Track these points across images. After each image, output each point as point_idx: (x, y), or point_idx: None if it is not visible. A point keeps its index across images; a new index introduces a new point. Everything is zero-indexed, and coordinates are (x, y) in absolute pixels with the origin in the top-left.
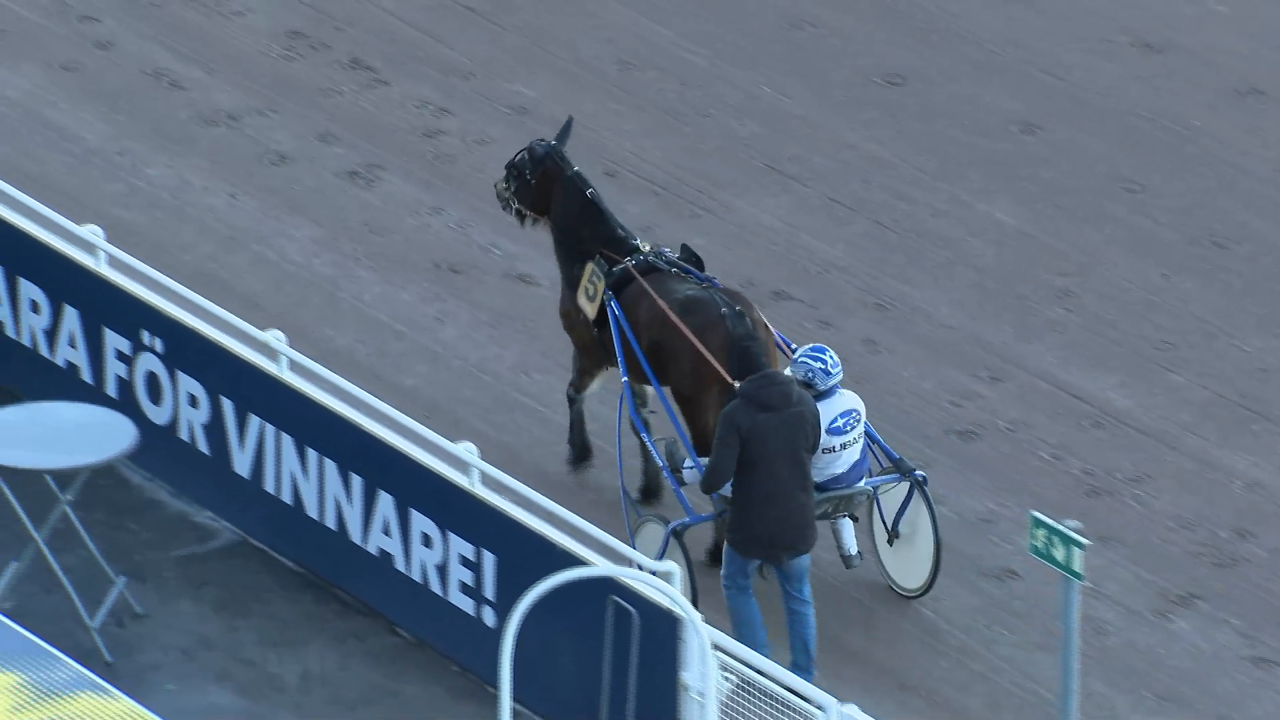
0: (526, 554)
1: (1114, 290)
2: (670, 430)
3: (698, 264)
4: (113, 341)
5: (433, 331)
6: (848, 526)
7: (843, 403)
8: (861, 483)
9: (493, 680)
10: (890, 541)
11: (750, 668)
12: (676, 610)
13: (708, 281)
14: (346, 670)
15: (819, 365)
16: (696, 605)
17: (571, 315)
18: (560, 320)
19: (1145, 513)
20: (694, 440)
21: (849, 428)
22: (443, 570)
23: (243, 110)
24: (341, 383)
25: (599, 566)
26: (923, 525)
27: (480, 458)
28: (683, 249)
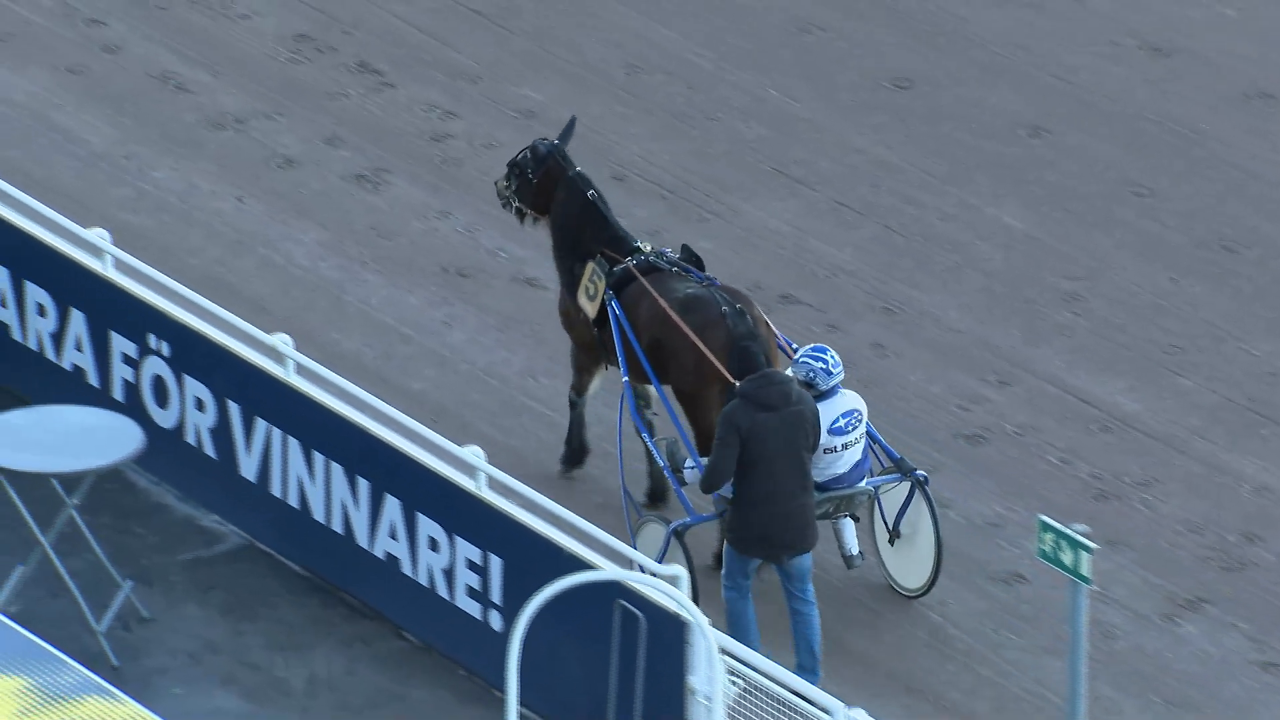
0: (533, 558)
1: (1122, 294)
2: (672, 430)
3: (698, 264)
4: (119, 345)
5: (440, 335)
6: (849, 526)
7: (844, 403)
8: (863, 483)
9: (499, 684)
10: (891, 541)
11: (757, 672)
12: (684, 614)
13: (708, 281)
14: (353, 674)
15: (820, 365)
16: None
17: (571, 314)
18: (559, 319)
19: (1153, 517)
20: (696, 439)
21: (851, 428)
22: (449, 574)
23: (249, 114)
24: (348, 386)
25: (606, 570)
26: (924, 525)
27: (487, 462)
28: (683, 249)
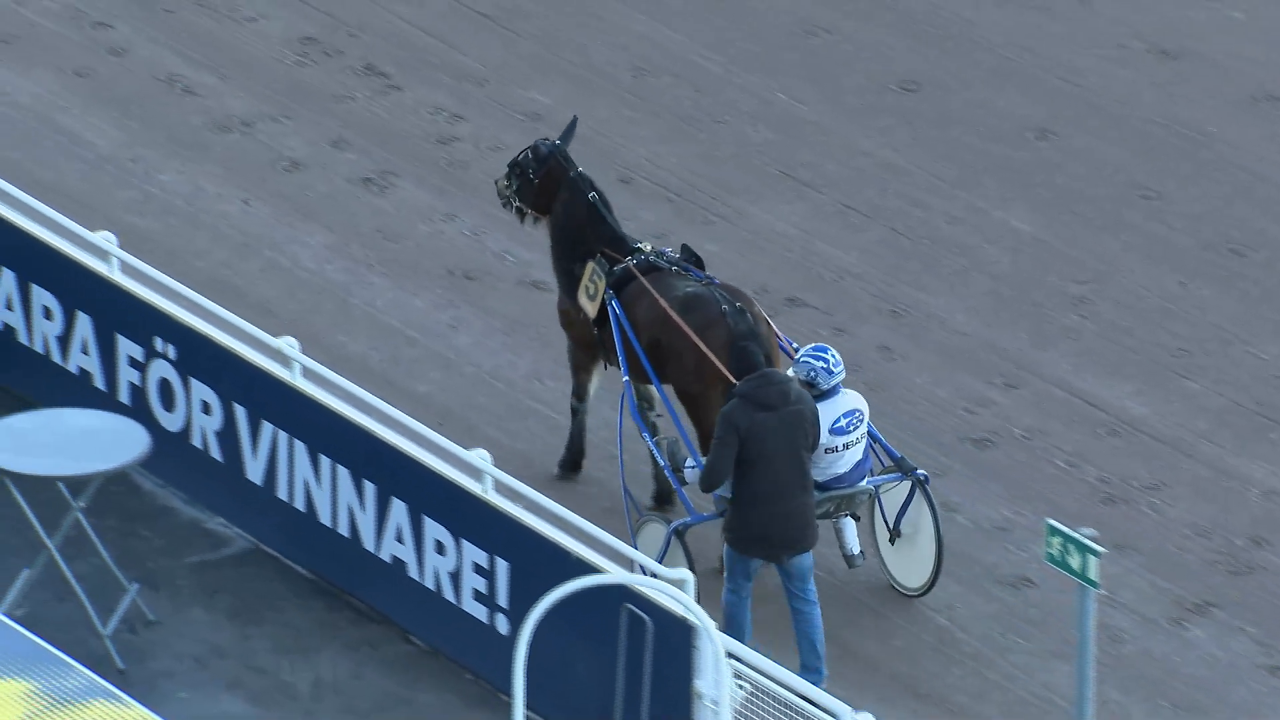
0: (540, 561)
1: (1130, 297)
2: (674, 430)
3: (698, 263)
4: (125, 348)
5: (446, 338)
6: (850, 526)
7: (845, 402)
8: (864, 482)
9: (506, 688)
10: (892, 541)
11: (764, 675)
12: (690, 618)
13: (708, 280)
14: (360, 678)
15: (821, 364)
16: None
17: (570, 314)
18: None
19: (1161, 520)
20: (698, 439)
21: (852, 427)
22: (456, 577)
23: (256, 116)
24: (354, 389)
25: (613, 574)
26: (924, 524)
27: (493, 464)
28: (683, 249)
